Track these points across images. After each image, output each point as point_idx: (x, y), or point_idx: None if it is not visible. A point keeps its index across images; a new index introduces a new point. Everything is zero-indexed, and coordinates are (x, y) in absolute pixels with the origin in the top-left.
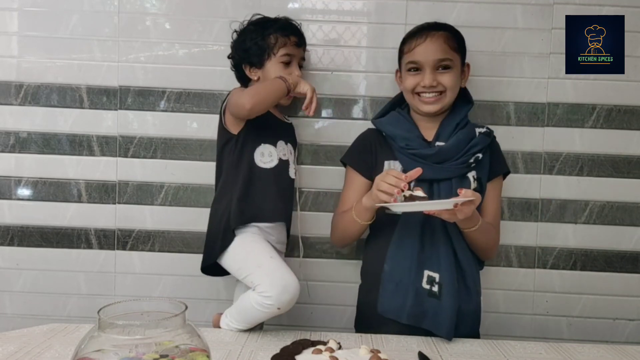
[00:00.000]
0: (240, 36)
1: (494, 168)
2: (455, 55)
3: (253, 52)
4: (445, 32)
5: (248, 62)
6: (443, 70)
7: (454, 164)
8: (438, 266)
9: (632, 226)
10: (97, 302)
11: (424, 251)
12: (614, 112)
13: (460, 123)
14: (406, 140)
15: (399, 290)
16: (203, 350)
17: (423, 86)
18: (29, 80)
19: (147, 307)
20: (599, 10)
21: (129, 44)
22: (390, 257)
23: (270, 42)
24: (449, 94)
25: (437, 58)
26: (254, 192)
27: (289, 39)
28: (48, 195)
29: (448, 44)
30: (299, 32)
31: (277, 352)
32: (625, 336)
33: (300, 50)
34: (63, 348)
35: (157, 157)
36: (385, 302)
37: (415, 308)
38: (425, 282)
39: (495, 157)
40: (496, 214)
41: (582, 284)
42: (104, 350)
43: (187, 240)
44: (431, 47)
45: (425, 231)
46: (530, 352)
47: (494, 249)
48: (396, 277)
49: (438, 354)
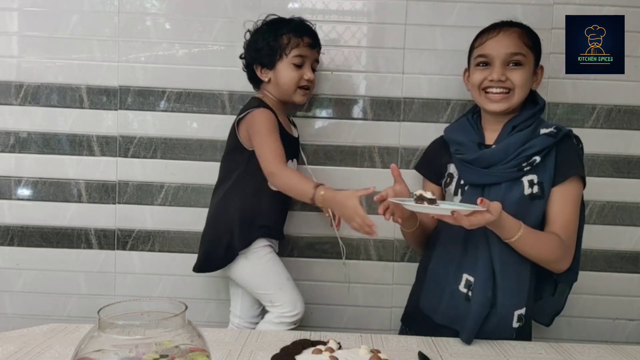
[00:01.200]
0: (253, 36)
1: (560, 171)
2: (528, 52)
3: (265, 53)
4: (521, 29)
5: (259, 63)
6: (514, 67)
7: (503, 168)
8: (474, 271)
9: (632, 226)
10: (97, 302)
11: (466, 254)
12: (614, 112)
13: (520, 125)
14: (458, 145)
15: (437, 289)
16: (203, 350)
17: (491, 80)
18: (29, 80)
19: (147, 307)
20: (599, 10)
21: (129, 44)
22: (434, 257)
23: (283, 43)
24: (517, 92)
25: (508, 52)
26: (261, 210)
27: (302, 39)
28: (48, 195)
29: (522, 40)
30: (313, 33)
31: (277, 352)
32: (625, 336)
33: (314, 52)
34: (63, 348)
35: (157, 157)
36: (425, 299)
37: (449, 309)
38: (463, 285)
39: (564, 158)
40: (564, 223)
41: (582, 284)
42: (104, 350)
43: (187, 240)
44: (504, 40)
45: (469, 234)
46: (530, 352)
47: (560, 261)
48: (437, 277)
49: (438, 354)
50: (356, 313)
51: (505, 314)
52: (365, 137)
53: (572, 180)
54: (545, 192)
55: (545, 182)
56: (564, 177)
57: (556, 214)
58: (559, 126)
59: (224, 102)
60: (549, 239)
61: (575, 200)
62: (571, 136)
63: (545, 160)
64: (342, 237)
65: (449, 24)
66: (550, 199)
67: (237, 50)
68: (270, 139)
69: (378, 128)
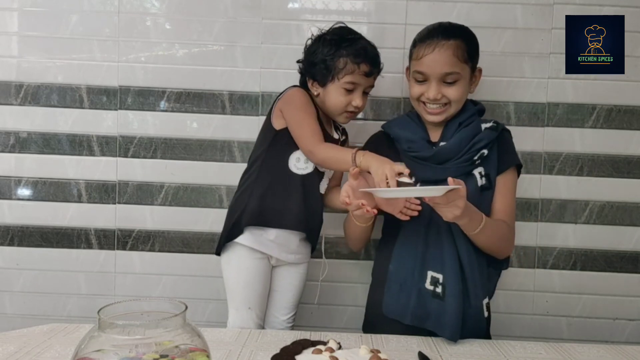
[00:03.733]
0: (314, 45)
1: (502, 161)
2: (463, 67)
3: (319, 70)
4: (457, 41)
5: (311, 76)
6: (449, 84)
7: (456, 163)
8: (442, 267)
9: (632, 226)
10: (97, 302)
11: (428, 251)
12: (614, 112)
13: (465, 122)
14: (409, 142)
15: (402, 290)
16: (203, 350)
17: (427, 98)
18: (29, 80)
19: (147, 307)
20: (599, 10)
21: (129, 44)
22: (395, 256)
23: (338, 66)
24: (454, 105)
25: (443, 72)
26: (278, 195)
27: (358, 67)
28: (48, 195)
29: (457, 56)
30: (373, 60)
31: (277, 352)
32: (625, 336)
33: (369, 80)
34: (63, 348)
35: (157, 157)
36: (390, 303)
37: (419, 309)
38: (429, 283)
39: (504, 150)
40: (509, 209)
41: (582, 284)
42: (104, 350)
43: (187, 240)
44: (438, 59)
45: (429, 231)
46: (530, 352)
47: (508, 247)
48: (400, 277)
49: (438, 354)
50: (356, 313)
51: (478, 305)
52: (365, 137)
53: (511, 169)
54: (492, 183)
55: (492, 173)
56: (506, 166)
57: (500, 202)
58: (496, 120)
59: (224, 102)
60: (502, 227)
61: (514, 189)
62: (506, 129)
63: (489, 153)
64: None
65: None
66: (495, 189)
67: (237, 50)
68: (308, 117)
69: (378, 128)
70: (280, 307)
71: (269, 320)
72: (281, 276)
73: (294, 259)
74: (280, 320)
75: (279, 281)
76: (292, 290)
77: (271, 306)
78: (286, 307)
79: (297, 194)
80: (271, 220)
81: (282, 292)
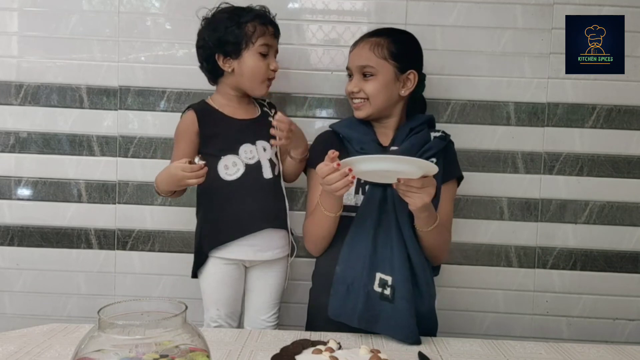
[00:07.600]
0: (211, 24)
1: (447, 172)
2: (381, 63)
3: (230, 42)
4: (378, 39)
5: (222, 53)
6: (367, 78)
7: None
8: (391, 269)
9: (632, 226)
10: (97, 302)
11: (376, 253)
12: (614, 112)
13: (416, 129)
14: (361, 143)
15: (350, 293)
16: (203, 350)
17: (347, 91)
18: (29, 80)
19: (147, 307)
20: (599, 10)
21: (129, 44)
22: (342, 258)
23: (249, 31)
24: (372, 101)
25: (359, 65)
26: (226, 209)
27: (267, 28)
28: (48, 195)
29: (374, 52)
30: (274, 22)
31: (277, 352)
32: (625, 336)
33: (276, 42)
34: (63, 348)
35: (157, 157)
36: (336, 306)
37: (367, 312)
38: (377, 285)
39: (450, 161)
40: (447, 218)
41: (582, 284)
42: (104, 350)
43: (187, 240)
44: (357, 52)
45: (378, 232)
46: (530, 352)
47: (445, 252)
48: (348, 279)
49: (438, 354)
50: None
51: (432, 305)
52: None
53: (453, 180)
54: (437, 191)
55: (438, 181)
56: (449, 176)
57: (442, 209)
58: (443, 130)
59: None
60: (444, 230)
61: (453, 198)
62: (451, 140)
63: (437, 162)
64: None
65: (449, 24)
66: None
67: None
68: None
69: None
70: (259, 307)
71: (250, 320)
72: (255, 277)
73: (271, 255)
74: (260, 320)
75: (254, 281)
76: (267, 290)
77: (250, 306)
78: (264, 307)
79: (240, 198)
80: (227, 235)
81: (258, 292)
